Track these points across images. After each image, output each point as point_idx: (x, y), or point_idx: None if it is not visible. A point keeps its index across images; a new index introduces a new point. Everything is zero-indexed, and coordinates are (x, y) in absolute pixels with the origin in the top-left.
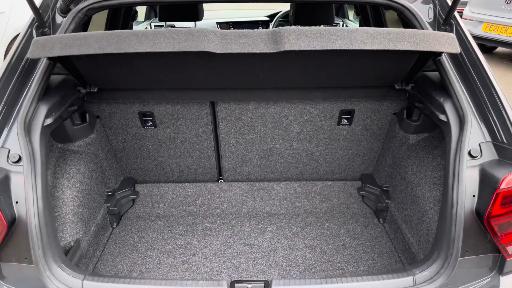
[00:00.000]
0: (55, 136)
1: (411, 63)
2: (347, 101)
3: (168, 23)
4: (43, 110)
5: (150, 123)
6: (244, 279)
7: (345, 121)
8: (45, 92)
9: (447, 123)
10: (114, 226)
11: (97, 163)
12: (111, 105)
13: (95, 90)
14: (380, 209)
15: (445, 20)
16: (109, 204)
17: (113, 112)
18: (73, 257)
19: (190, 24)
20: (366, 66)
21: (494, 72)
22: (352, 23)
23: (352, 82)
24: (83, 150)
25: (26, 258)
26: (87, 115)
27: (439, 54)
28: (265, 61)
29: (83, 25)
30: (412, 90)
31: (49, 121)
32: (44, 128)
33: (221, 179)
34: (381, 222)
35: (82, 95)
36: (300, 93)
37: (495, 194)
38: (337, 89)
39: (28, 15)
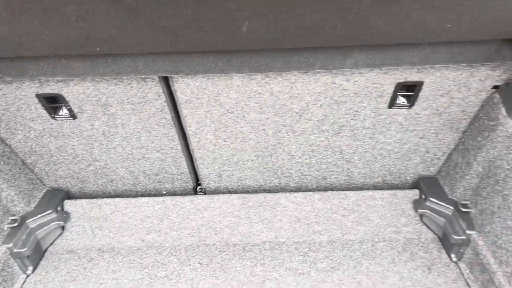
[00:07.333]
0: None
1: None
2: (412, 68)
3: None
4: None
5: (65, 111)
6: None
7: (403, 100)
8: None
9: None
10: (29, 272)
11: None
12: None
13: None
14: (455, 242)
15: None
16: (11, 245)
17: None
18: None
19: None
20: None
21: None
22: None
23: (433, 34)
24: None
25: None
26: None
27: None
28: None
29: None
30: None
31: None
32: None
33: (200, 187)
34: (454, 260)
35: None
36: (328, 56)
37: None
38: (401, 48)
39: None
